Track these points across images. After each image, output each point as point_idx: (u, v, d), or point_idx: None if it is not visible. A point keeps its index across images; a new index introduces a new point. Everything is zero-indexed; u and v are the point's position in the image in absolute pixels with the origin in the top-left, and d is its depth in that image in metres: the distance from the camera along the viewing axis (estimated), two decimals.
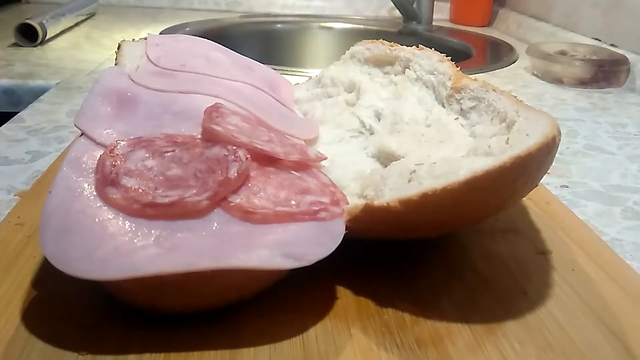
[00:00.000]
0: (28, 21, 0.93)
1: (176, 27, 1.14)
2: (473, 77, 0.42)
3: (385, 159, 0.39)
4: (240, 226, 0.30)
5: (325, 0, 1.43)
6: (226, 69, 0.45)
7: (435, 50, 0.45)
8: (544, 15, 1.17)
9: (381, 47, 0.48)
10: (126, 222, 0.29)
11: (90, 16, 1.22)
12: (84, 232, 0.29)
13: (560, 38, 1.05)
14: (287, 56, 1.29)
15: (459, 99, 0.41)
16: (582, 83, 0.84)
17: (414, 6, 1.25)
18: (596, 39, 0.98)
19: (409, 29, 1.26)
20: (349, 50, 0.51)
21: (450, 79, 0.42)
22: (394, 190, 0.32)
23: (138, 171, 0.32)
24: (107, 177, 0.31)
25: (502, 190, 0.31)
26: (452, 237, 0.40)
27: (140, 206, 0.30)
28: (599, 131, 0.67)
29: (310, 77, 0.52)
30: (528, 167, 0.30)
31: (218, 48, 0.49)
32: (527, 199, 0.45)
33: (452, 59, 0.44)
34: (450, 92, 0.41)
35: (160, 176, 0.32)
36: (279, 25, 1.31)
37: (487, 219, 0.37)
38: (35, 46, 0.93)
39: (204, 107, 0.37)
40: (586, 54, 0.88)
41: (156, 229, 0.29)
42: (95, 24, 1.17)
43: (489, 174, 0.29)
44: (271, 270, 0.30)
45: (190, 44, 0.48)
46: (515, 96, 0.37)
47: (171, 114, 0.37)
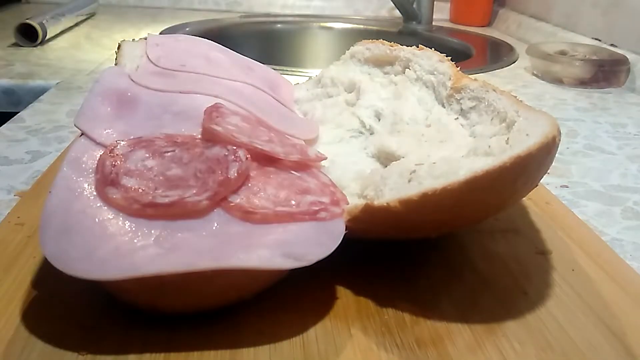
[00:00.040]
0: (28, 21, 0.93)
1: (176, 27, 1.14)
2: (473, 77, 0.42)
3: (385, 159, 0.39)
4: (240, 226, 0.30)
5: (325, 0, 1.43)
6: (226, 69, 0.45)
7: (435, 50, 0.45)
8: (544, 15, 1.17)
9: (381, 47, 0.48)
10: (126, 222, 0.29)
11: (90, 16, 1.22)
12: (84, 232, 0.29)
13: (560, 38, 1.05)
14: (287, 56, 1.29)
15: (459, 99, 0.41)
16: (582, 83, 0.84)
17: (414, 6, 1.25)
18: (596, 39, 0.98)
19: (409, 29, 1.26)
20: (349, 50, 0.51)
21: (450, 79, 0.42)
22: (394, 190, 0.32)
23: (138, 171, 0.32)
24: (107, 177, 0.31)
25: (502, 190, 0.31)
26: (452, 237, 0.40)
27: (140, 206, 0.30)
28: (599, 131, 0.67)
29: (310, 77, 0.52)
30: (528, 167, 0.30)
31: (218, 48, 0.49)
32: (527, 199, 0.45)
33: (452, 59, 0.44)
34: (450, 92, 0.41)
35: (160, 176, 0.32)
36: (279, 25, 1.31)
37: (487, 219, 0.37)
38: (35, 46, 0.93)
39: (204, 107, 0.37)
40: (586, 54, 0.88)
41: (156, 229, 0.29)
42: (95, 24, 1.17)
43: (489, 174, 0.29)
44: (271, 270, 0.30)
45: (190, 44, 0.48)
46: (515, 96, 0.37)
47: (171, 114, 0.37)
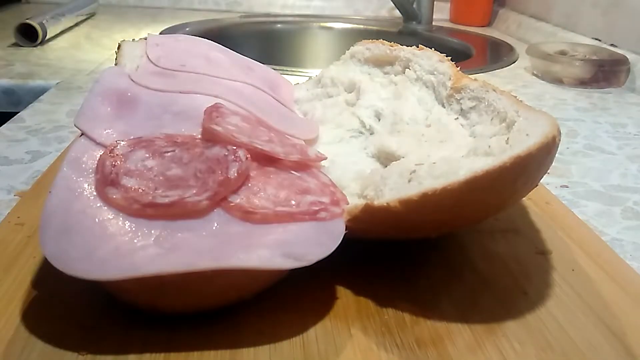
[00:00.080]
0: (28, 21, 0.93)
1: (176, 27, 1.14)
2: (473, 77, 0.42)
3: (385, 159, 0.39)
4: (240, 226, 0.30)
5: (325, 0, 1.43)
6: (226, 69, 0.45)
7: (435, 50, 0.45)
8: (544, 15, 1.17)
9: (381, 47, 0.48)
10: (126, 222, 0.29)
11: (90, 16, 1.22)
12: (84, 232, 0.29)
13: (560, 38, 1.05)
14: (287, 56, 1.29)
15: (459, 99, 0.41)
16: (582, 83, 0.84)
17: (414, 6, 1.25)
18: (596, 39, 0.98)
19: (409, 29, 1.26)
20: (349, 50, 0.51)
21: (450, 79, 0.42)
22: (394, 190, 0.32)
23: (138, 171, 0.32)
24: (107, 177, 0.31)
25: (502, 190, 0.31)
26: (452, 237, 0.40)
27: (140, 206, 0.30)
28: (599, 131, 0.67)
29: (310, 77, 0.52)
30: (528, 167, 0.30)
31: (218, 48, 0.49)
32: (527, 199, 0.45)
33: (452, 59, 0.44)
34: (450, 92, 0.41)
35: (160, 176, 0.32)
36: (279, 25, 1.31)
37: (487, 219, 0.37)
38: (35, 46, 0.93)
39: (204, 107, 0.37)
40: (586, 54, 0.88)
41: (156, 229, 0.29)
42: (95, 24, 1.17)
43: (489, 174, 0.29)
44: (271, 270, 0.30)
45: (190, 44, 0.48)
46: (515, 96, 0.37)
47: (171, 114, 0.37)
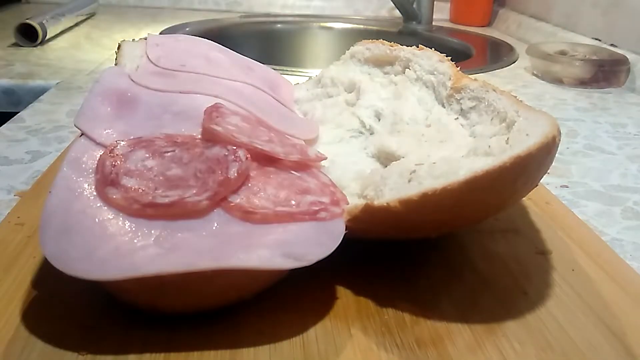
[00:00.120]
0: (28, 21, 0.93)
1: (176, 27, 1.14)
2: (473, 77, 0.42)
3: (385, 159, 0.39)
4: (240, 226, 0.30)
5: (325, 0, 1.43)
6: (226, 69, 0.45)
7: (435, 50, 0.45)
8: (544, 15, 1.17)
9: (381, 47, 0.48)
10: (126, 222, 0.29)
11: (90, 16, 1.22)
12: (84, 232, 0.29)
13: (560, 38, 1.05)
14: (287, 56, 1.29)
15: (459, 99, 0.41)
16: (582, 83, 0.84)
17: (414, 6, 1.25)
18: (596, 39, 0.98)
19: (409, 29, 1.26)
20: (349, 50, 0.51)
21: (450, 79, 0.42)
22: (394, 190, 0.32)
23: (138, 171, 0.32)
24: (107, 177, 0.31)
25: (502, 190, 0.31)
26: (452, 237, 0.40)
27: (140, 206, 0.30)
28: (599, 131, 0.67)
29: (310, 77, 0.52)
30: (528, 167, 0.30)
31: (218, 48, 0.49)
32: (527, 199, 0.45)
33: (452, 59, 0.44)
34: (450, 92, 0.41)
35: (160, 176, 0.32)
36: (279, 25, 1.31)
37: (487, 219, 0.37)
38: (35, 46, 0.93)
39: (204, 107, 0.37)
40: (586, 54, 0.88)
41: (156, 229, 0.29)
42: (95, 24, 1.17)
43: (489, 174, 0.29)
44: (271, 270, 0.30)
45: (190, 44, 0.48)
46: (515, 96, 0.37)
47: (171, 114, 0.37)
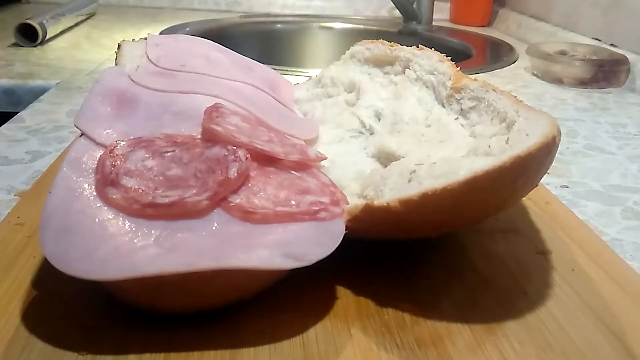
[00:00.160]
0: (28, 21, 0.93)
1: (176, 27, 1.14)
2: (473, 77, 0.42)
3: (385, 159, 0.39)
4: (240, 226, 0.30)
5: (325, 0, 1.43)
6: (226, 69, 0.45)
7: (435, 50, 0.45)
8: (544, 15, 1.17)
9: (381, 47, 0.48)
10: (126, 222, 0.29)
11: (90, 16, 1.22)
12: (84, 232, 0.29)
13: (560, 38, 1.05)
14: (287, 56, 1.29)
15: (459, 99, 0.41)
16: (582, 83, 0.84)
17: (414, 6, 1.25)
18: (596, 39, 0.98)
19: (409, 29, 1.26)
20: (349, 50, 0.51)
21: (450, 79, 0.42)
22: (394, 190, 0.32)
23: (138, 171, 0.32)
24: (107, 177, 0.31)
25: (502, 190, 0.31)
26: (452, 237, 0.40)
27: (140, 206, 0.30)
28: (599, 131, 0.67)
29: (310, 77, 0.52)
30: (528, 167, 0.30)
31: (218, 48, 0.49)
32: (527, 199, 0.45)
33: (452, 59, 0.44)
34: (450, 92, 0.41)
35: (160, 176, 0.32)
36: (279, 25, 1.31)
37: (487, 219, 0.37)
38: (35, 46, 0.93)
39: (204, 107, 0.37)
40: (586, 54, 0.88)
41: (156, 229, 0.29)
42: (95, 24, 1.17)
43: (489, 174, 0.29)
44: (271, 270, 0.30)
45: (190, 44, 0.48)
46: (515, 96, 0.37)
47: (171, 114, 0.37)
